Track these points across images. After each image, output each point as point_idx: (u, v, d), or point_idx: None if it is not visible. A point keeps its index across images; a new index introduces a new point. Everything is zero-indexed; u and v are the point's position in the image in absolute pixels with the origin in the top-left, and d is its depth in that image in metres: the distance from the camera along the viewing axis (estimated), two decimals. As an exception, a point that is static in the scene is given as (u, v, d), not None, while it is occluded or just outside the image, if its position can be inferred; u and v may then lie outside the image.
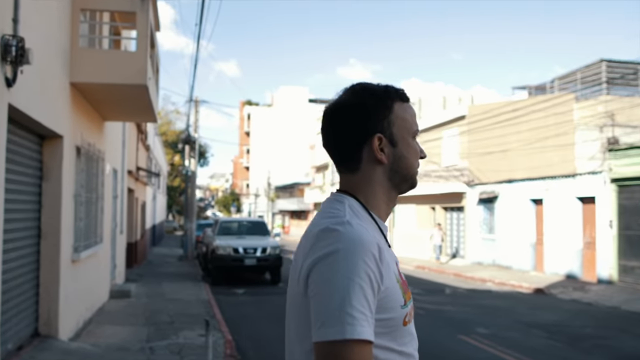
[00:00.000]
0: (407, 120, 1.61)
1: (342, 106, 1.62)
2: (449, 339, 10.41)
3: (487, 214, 25.56)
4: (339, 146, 1.62)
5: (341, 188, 1.65)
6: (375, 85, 1.64)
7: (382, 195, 1.62)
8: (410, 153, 1.62)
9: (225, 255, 18.13)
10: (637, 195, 17.63)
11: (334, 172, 47.38)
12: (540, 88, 32.25)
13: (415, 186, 1.67)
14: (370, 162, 1.58)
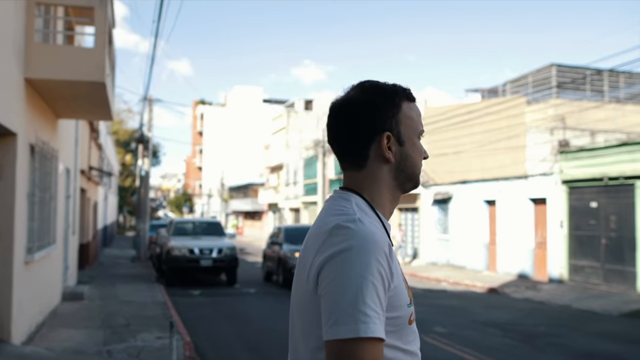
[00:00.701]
0: (413, 120, 1.62)
1: (351, 102, 1.60)
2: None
3: (441, 215, 25.90)
4: (345, 142, 1.61)
5: (345, 185, 1.64)
6: (384, 83, 1.63)
7: (387, 194, 1.61)
8: (415, 152, 1.62)
9: (180, 256, 17.89)
10: (587, 196, 18.12)
11: (289, 172, 47.32)
12: (493, 91, 32.89)
13: (418, 186, 1.67)
14: (377, 160, 1.58)
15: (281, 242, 18.27)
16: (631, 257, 16.51)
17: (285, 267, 17.11)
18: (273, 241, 19.41)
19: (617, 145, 17.36)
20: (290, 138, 49.39)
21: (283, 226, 20.07)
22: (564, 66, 28.21)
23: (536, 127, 25.88)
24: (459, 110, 26.83)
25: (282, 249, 17.73)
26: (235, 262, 18.33)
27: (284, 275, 17.16)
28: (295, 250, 16.84)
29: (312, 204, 41.34)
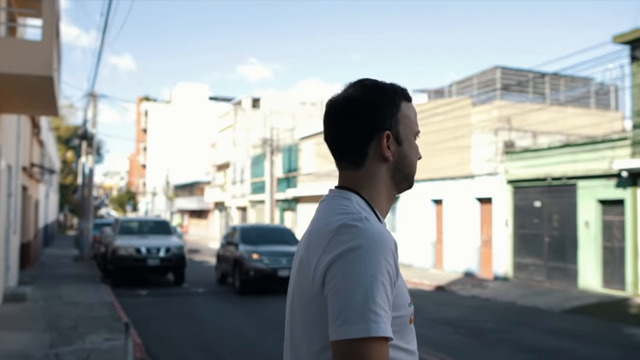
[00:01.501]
0: (411, 120, 1.61)
1: (352, 100, 1.58)
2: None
3: (389, 214, 26.09)
4: (345, 141, 1.58)
5: (342, 184, 1.61)
6: (384, 82, 1.62)
7: (384, 193, 1.60)
8: (412, 152, 1.61)
9: (126, 256, 17.49)
10: (531, 196, 18.59)
11: (236, 170, 46.98)
12: (439, 92, 33.40)
13: (412, 187, 1.67)
14: (376, 158, 1.56)
15: (237, 242, 16.98)
16: (573, 255, 17.03)
17: (242, 270, 15.86)
18: (228, 241, 18.08)
19: (560, 147, 17.87)
20: (237, 136, 49.04)
21: (239, 226, 18.88)
22: (508, 69, 28.83)
23: (481, 128, 26.41)
24: (406, 110, 27.07)
25: (239, 250, 16.43)
26: (183, 261, 18.06)
27: (242, 278, 15.86)
28: (253, 251, 15.98)
29: (259, 202, 41.14)
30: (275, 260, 15.64)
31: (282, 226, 20.28)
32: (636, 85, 15.50)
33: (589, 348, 10.05)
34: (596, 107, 28.40)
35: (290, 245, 16.73)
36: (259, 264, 15.59)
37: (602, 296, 15.54)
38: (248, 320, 12.25)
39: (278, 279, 15.50)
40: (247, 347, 9.70)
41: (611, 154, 16.05)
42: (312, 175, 33.42)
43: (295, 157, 36.63)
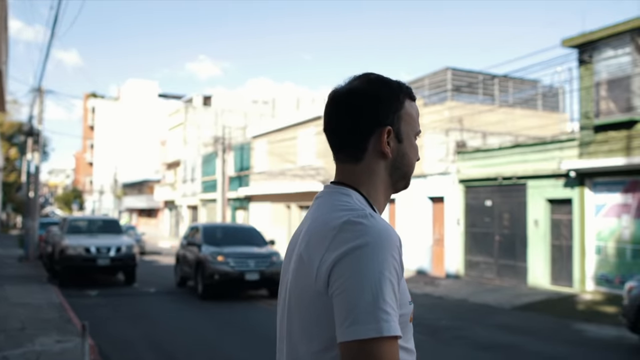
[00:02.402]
0: (413, 118, 1.59)
1: (355, 93, 1.55)
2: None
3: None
4: (345, 133, 1.56)
5: (340, 180, 1.58)
6: (389, 78, 1.60)
7: (382, 190, 1.58)
8: (412, 151, 1.59)
9: (75, 256, 17.02)
10: (482, 195, 18.92)
11: (187, 169, 46.40)
12: (391, 92, 33.66)
13: (408, 187, 1.64)
14: (375, 154, 1.54)
15: (199, 243, 15.85)
16: (522, 253, 17.41)
17: (206, 273, 14.71)
18: (189, 242, 16.80)
19: (511, 147, 18.24)
20: (188, 134, 48.46)
21: (201, 224, 17.57)
22: (458, 70, 29.29)
23: (432, 129, 26.75)
24: (360, 109, 27.22)
25: (202, 251, 15.31)
26: (133, 261, 17.71)
27: (205, 282, 14.73)
28: (218, 253, 14.89)
29: (210, 201, 40.74)
30: (242, 262, 14.66)
31: (248, 225, 19.00)
32: (584, 88, 15.94)
33: (540, 344, 10.28)
34: (543, 109, 29.11)
35: (257, 246, 15.87)
36: (225, 267, 14.56)
37: (551, 293, 15.93)
38: (206, 322, 12.08)
39: (245, 283, 14.63)
40: (206, 349, 9.57)
41: (560, 154, 16.47)
42: (265, 174, 33.27)
43: (247, 155, 36.41)
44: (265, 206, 33.15)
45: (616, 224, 15.33)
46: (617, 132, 15.16)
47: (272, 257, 15.04)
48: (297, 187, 28.50)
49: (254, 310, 13.49)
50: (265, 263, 14.78)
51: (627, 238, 15.07)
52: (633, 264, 14.88)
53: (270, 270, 14.68)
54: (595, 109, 15.58)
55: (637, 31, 14.58)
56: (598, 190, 15.78)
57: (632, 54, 14.73)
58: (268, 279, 14.68)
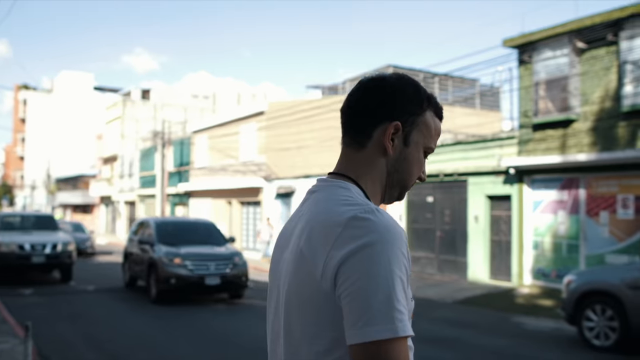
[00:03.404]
0: (430, 132, 1.55)
1: (384, 80, 1.53)
2: (250, 329, 10.42)
3: (284, 209, 26.16)
4: (357, 113, 1.52)
5: (339, 169, 1.53)
6: (421, 86, 1.57)
7: (379, 187, 1.53)
8: (415, 161, 1.54)
9: (8, 253, 16.34)
10: (424, 191, 19.20)
11: (124, 163, 45.38)
12: (333, 88, 33.82)
13: (401, 199, 1.60)
14: (378, 146, 1.50)
15: (152, 241, 14.33)
16: (463, 248, 17.76)
17: (160, 276, 13.26)
18: (140, 239, 15.22)
19: (452, 144, 18.56)
20: (125, 128, 47.38)
21: (152, 219, 15.70)
22: (400, 68, 29.66)
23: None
24: (303, 106, 27.26)
25: (155, 252, 13.81)
26: (70, 258, 17.18)
27: (159, 287, 13.34)
28: (174, 254, 13.43)
29: (149, 197, 39.98)
30: (201, 265, 13.31)
31: (206, 221, 16.91)
32: (523, 88, 16.36)
33: (482, 336, 10.50)
34: (481, 108, 29.79)
35: (217, 246, 14.58)
36: (182, 271, 13.14)
37: (490, 287, 16.31)
38: (155, 323, 11.83)
39: (205, 288, 13.33)
40: (153, 350, 9.35)
41: (500, 152, 16.87)
42: (205, 169, 32.87)
43: (187, 150, 35.88)
44: (205, 202, 32.75)
45: (552, 220, 15.82)
46: (555, 131, 15.63)
47: (234, 258, 13.78)
48: (239, 182, 28.28)
49: (211, 312, 12.75)
50: (227, 265, 13.52)
51: (563, 233, 15.57)
52: (568, 258, 15.39)
53: (232, 273, 13.51)
54: (534, 108, 16.02)
55: (574, 33, 15.05)
56: (536, 187, 16.24)
57: (569, 55, 15.20)
58: (230, 283, 13.53)
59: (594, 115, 14.80)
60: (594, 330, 9.36)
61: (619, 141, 14.26)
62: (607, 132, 14.52)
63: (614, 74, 14.46)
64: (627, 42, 14.17)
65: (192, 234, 15.03)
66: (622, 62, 14.24)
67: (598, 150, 14.63)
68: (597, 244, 14.77)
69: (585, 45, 14.98)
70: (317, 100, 28.85)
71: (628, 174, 14.19)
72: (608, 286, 9.31)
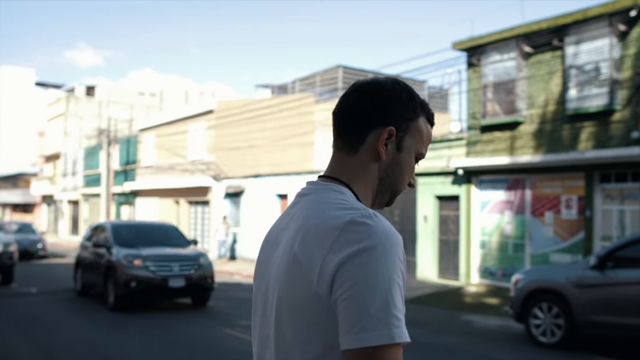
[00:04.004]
0: (422, 137, 1.55)
1: (379, 84, 1.52)
2: (215, 334, 10.33)
3: (233, 208, 25.97)
4: (351, 116, 1.50)
5: (331, 172, 1.51)
6: (415, 92, 1.56)
7: (370, 192, 1.52)
8: (407, 167, 1.54)
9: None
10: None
11: (67, 162, 44.23)
12: (283, 88, 33.77)
13: (391, 205, 1.59)
14: (370, 151, 1.48)
15: (109, 244, 13.40)
16: (412, 248, 17.97)
17: (119, 280, 12.33)
18: (95, 243, 14.13)
19: (402, 145, 18.73)
20: (69, 125, 46.20)
21: (108, 223, 14.85)
22: (350, 68, 29.85)
23: (324, 125, 27.08)
24: (254, 105, 27.12)
25: (113, 255, 12.86)
26: (11, 259, 16.64)
27: (118, 291, 12.39)
28: (135, 256, 12.60)
29: (93, 196, 39.09)
30: (164, 266, 12.49)
31: (166, 223, 16.16)
32: (472, 90, 16.67)
33: (432, 335, 10.63)
34: (429, 109, 30.22)
35: (180, 247, 13.86)
36: (143, 273, 12.32)
37: (439, 286, 16.55)
38: (105, 328, 11.54)
39: (169, 290, 12.53)
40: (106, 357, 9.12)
41: (448, 153, 17.14)
42: (153, 168, 32.34)
43: (134, 149, 35.23)
44: (152, 201, 32.22)
45: (499, 220, 16.18)
46: (502, 133, 15.98)
47: (199, 259, 13.07)
48: (187, 182, 27.94)
49: (176, 317, 12.02)
50: (191, 266, 12.77)
51: (509, 233, 15.94)
52: (514, 257, 15.76)
53: (197, 274, 12.77)
54: (482, 110, 16.33)
55: (521, 38, 15.42)
56: (483, 188, 16.57)
57: (516, 59, 15.56)
58: (195, 285, 12.78)
59: (539, 118, 15.19)
60: (541, 328, 9.60)
61: (563, 143, 14.68)
62: (552, 135, 14.92)
63: (559, 78, 14.87)
64: (571, 47, 14.60)
65: (152, 236, 14.25)
66: (566, 66, 14.66)
67: (543, 152, 15.02)
68: (542, 243, 15.17)
69: (532, 49, 15.37)
70: (267, 99, 28.75)
71: (571, 176, 14.62)
72: (554, 285, 9.56)
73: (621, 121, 13.72)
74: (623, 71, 13.78)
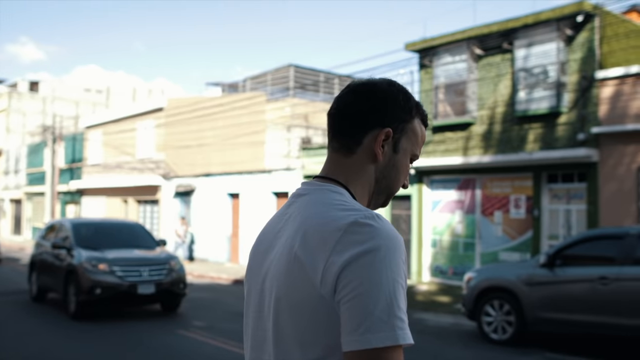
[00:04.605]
0: (417, 138, 1.56)
1: (376, 85, 1.52)
2: (170, 335, 10.18)
3: (183, 207, 25.64)
4: (348, 118, 1.50)
5: (327, 173, 1.50)
6: (410, 93, 1.57)
7: (367, 193, 1.52)
8: (402, 168, 1.54)
9: None
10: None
11: (9, 159, 42.91)
12: (233, 86, 33.50)
13: (386, 206, 1.60)
14: (367, 152, 1.48)
15: (69, 245, 12.18)
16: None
17: (82, 286, 11.15)
18: (54, 244, 12.68)
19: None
20: (11, 121, 44.79)
21: (67, 221, 13.53)
22: (301, 67, 29.81)
23: (275, 125, 27.01)
24: (202, 103, 26.83)
25: (74, 257, 11.66)
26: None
27: (81, 298, 11.19)
28: (99, 259, 11.47)
29: (37, 194, 38.03)
30: (132, 271, 11.45)
31: (132, 222, 15.02)
32: (424, 91, 16.88)
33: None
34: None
35: (148, 249, 12.82)
36: (109, 278, 11.22)
37: (391, 285, 16.68)
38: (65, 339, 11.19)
39: (138, 298, 11.49)
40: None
41: (400, 153, 17.30)
42: (100, 166, 31.66)
43: (80, 146, 34.40)
44: (99, 200, 31.54)
45: (450, 219, 16.44)
46: (453, 134, 16.23)
47: (170, 262, 12.10)
48: (136, 180, 27.45)
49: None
50: (162, 271, 11.77)
51: (460, 232, 16.21)
52: (464, 256, 16.04)
53: (169, 279, 11.78)
54: (434, 111, 16.55)
55: (472, 40, 15.70)
56: (435, 187, 16.81)
57: (467, 61, 15.83)
58: (166, 292, 11.79)
59: (490, 119, 15.50)
60: (492, 325, 9.79)
61: (513, 144, 15.01)
62: (502, 136, 15.25)
63: (508, 80, 15.21)
64: (520, 50, 14.95)
65: (117, 236, 13.04)
66: (516, 69, 15.00)
67: (493, 152, 15.33)
68: (492, 242, 15.49)
69: (483, 52, 15.67)
70: (218, 97, 28.48)
71: (520, 176, 14.97)
72: (506, 283, 9.77)
73: (568, 123, 14.12)
74: (570, 74, 14.19)
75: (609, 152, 13.45)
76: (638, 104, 13.19)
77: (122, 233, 13.33)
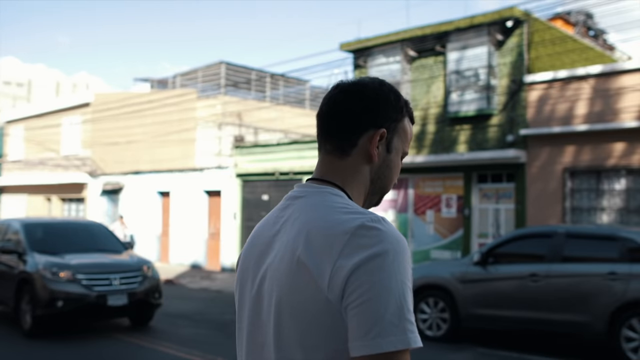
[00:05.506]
0: (407, 137, 1.55)
1: (367, 86, 1.50)
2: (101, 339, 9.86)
3: (111, 206, 24.94)
4: (341, 120, 1.47)
5: (321, 175, 1.48)
6: (399, 92, 1.56)
7: (362, 194, 1.50)
8: (395, 167, 1.54)
9: None
10: (259, 189, 19.28)
11: None
12: (163, 82, 32.86)
13: (378, 205, 1.59)
14: (362, 154, 1.47)
15: (22, 249, 10.40)
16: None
17: (40, 297, 9.44)
18: (2, 248, 10.88)
19: (288, 144, 18.84)
20: None
21: (15, 220, 11.65)
22: (233, 65, 29.53)
23: (205, 122, 26.63)
24: (131, 99, 26.16)
25: (29, 264, 9.92)
26: None
27: (38, 312, 9.45)
28: (61, 266, 9.72)
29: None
30: (101, 280, 9.77)
31: (91, 222, 13.02)
32: (358, 91, 16.99)
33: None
34: (311, 109, 30.54)
35: (115, 253, 11.15)
36: (74, 288, 9.52)
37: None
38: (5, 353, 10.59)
39: (107, 310, 9.81)
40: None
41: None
42: (21, 163, 30.40)
43: (-1, 142, 32.95)
44: (21, 198, 30.29)
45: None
46: (387, 134, 16.42)
47: (142, 267, 10.47)
48: (60, 178, 26.51)
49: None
50: (135, 278, 10.15)
51: (392, 231, 16.41)
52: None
53: (142, 288, 10.13)
54: (367, 111, 16.68)
55: (406, 42, 15.94)
56: (368, 187, 16.95)
57: (401, 63, 16.06)
58: (140, 302, 10.15)
59: (423, 120, 15.77)
60: (427, 322, 9.96)
61: (445, 145, 15.33)
62: (434, 137, 15.55)
63: (441, 82, 15.52)
64: (453, 53, 15.28)
65: (76, 238, 11.29)
66: (448, 71, 15.33)
67: (426, 153, 15.62)
68: (424, 240, 15.77)
69: (416, 53, 15.93)
70: (147, 94, 27.85)
71: (451, 176, 15.30)
72: (440, 280, 9.96)
73: (497, 125, 14.54)
74: (500, 78, 14.61)
75: (536, 153, 13.93)
76: (564, 107, 13.71)
77: (81, 235, 11.58)
